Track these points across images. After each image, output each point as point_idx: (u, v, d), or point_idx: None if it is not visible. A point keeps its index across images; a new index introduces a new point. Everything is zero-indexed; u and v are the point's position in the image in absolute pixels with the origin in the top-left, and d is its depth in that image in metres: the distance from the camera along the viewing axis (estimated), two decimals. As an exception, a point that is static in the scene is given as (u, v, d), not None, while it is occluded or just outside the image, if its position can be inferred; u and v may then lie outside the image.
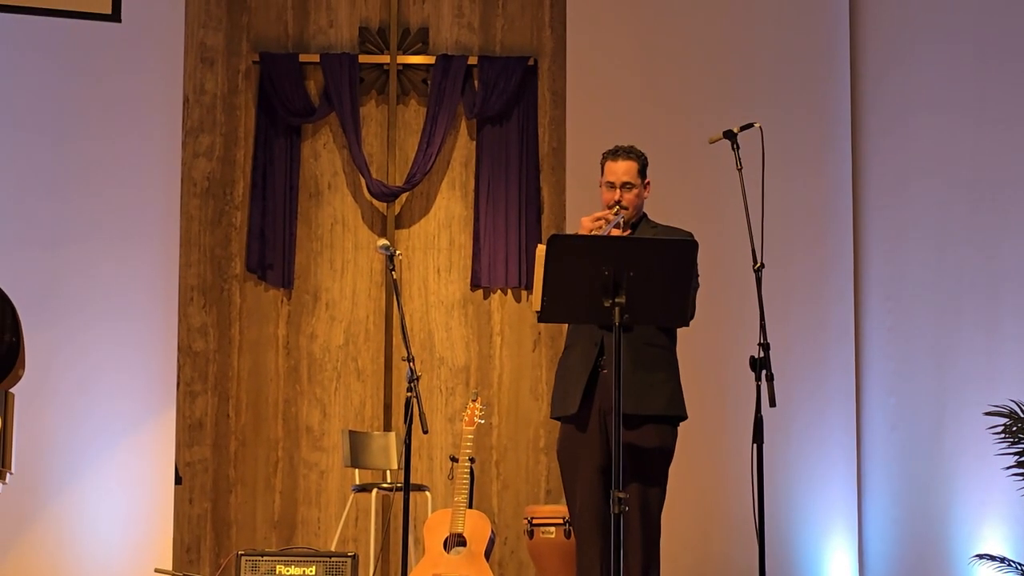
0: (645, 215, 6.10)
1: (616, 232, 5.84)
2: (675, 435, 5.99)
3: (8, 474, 6.64)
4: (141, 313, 9.29)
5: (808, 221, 9.29)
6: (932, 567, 9.09)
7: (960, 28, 9.44)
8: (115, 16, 8.57)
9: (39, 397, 7.88)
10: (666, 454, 5.95)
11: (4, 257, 8.49)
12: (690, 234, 5.93)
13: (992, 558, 6.99)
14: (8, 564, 8.24)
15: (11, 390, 6.74)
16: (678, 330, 6.05)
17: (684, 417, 6.00)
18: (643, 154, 6.09)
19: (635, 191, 6.02)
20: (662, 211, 6.23)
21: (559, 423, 6.09)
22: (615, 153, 6.07)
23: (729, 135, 5.94)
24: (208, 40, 10.17)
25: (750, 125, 5.94)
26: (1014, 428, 6.40)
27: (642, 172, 6.05)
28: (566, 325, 6.25)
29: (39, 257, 9.04)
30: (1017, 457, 6.37)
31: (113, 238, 9.26)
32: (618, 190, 6.00)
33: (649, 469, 5.87)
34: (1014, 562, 6.84)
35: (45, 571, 9.03)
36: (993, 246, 9.25)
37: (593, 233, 5.78)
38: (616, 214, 5.90)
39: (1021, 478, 6.44)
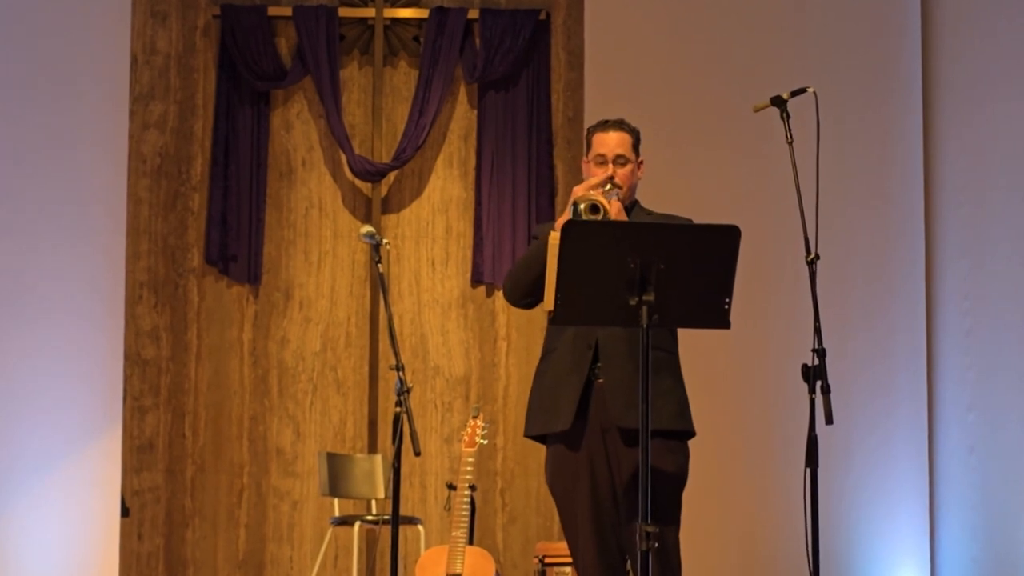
0: (637, 200, 6.09)
1: (616, 211, 5.78)
2: (688, 454, 5.95)
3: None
4: (81, 314, 9.28)
5: (871, 205, 9.32)
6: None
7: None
8: (56, -33, 8.59)
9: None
10: (681, 479, 5.93)
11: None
12: (690, 220, 5.91)
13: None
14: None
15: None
16: (682, 333, 6.02)
17: (693, 433, 5.96)
18: (636, 128, 6.09)
19: (629, 167, 6.02)
20: (694, 191, 6.24)
21: (543, 444, 6.04)
22: (604, 125, 6.08)
23: (778, 102, 5.90)
24: (159, -10, 10.17)
25: (803, 90, 5.91)
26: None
27: (635, 147, 6.06)
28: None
29: (-42, 249, 9.04)
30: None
31: (47, 226, 9.25)
32: (610, 165, 5.98)
33: (663, 498, 5.80)
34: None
35: (-33, 619, 9.03)
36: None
37: (592, 198, 5.72)
38: (608, 191, 5.85)
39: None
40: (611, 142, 6.00)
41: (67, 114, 9.42)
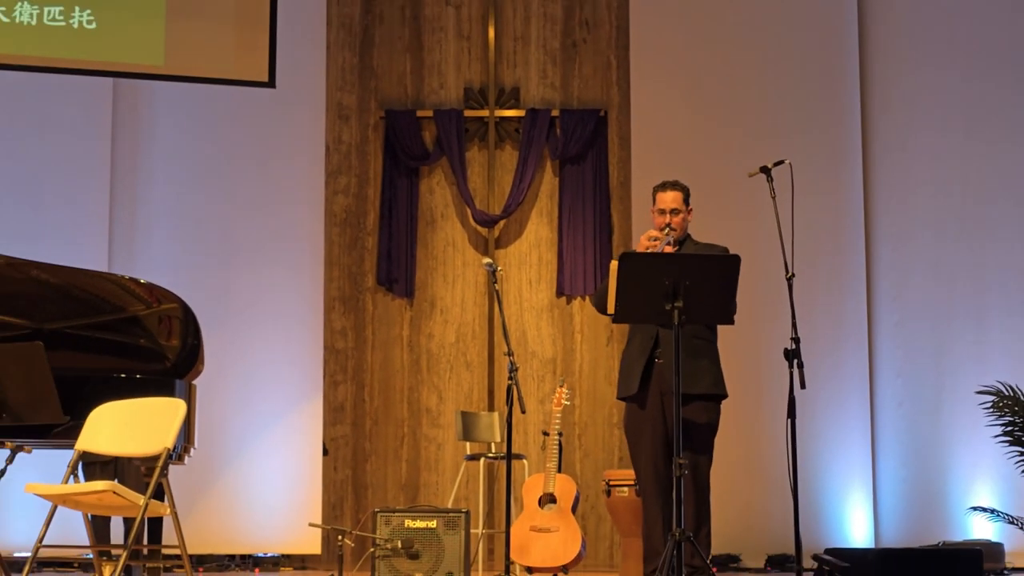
0: (689, 235, 6.10)
1: (668, 249, 5.84)
2: (719, 411, 5.97)
3: (192, 449, 6.72)
4: (294, 319, 9.42)
5: (827, 237, 9.29)
6: (935, 518, 9.05)
7: (948, 80, 9.46)
8: (271, 83, 8.66)
9: (213, 388, 7.97)
10: (712, 427, 5.94)
11: (186, 276, 8.64)
12: (726, 249, 5.91)
13: (984, 510, 6.95)
14: (191, 522, 8.33)
15: (193, 382, 6.82)
16: (720, 327, 6.01)
17: (725, 396, 5.98)
18: (687, 186, 6.08)
19: (681, 215, 6.02)
20: (710, 231, 6.23)
21: (624, 403, 6.09)
22: (664, 186, 6.07)
23: (764, 170, 5.91)
24: (344, 100, 10.24)
25: (781, 162, 5.93)
26: (1001, 404, 6.37)
27: (686, 200, 6.05)
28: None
29: (213, 276, 9.21)
30: (1003, 427, 6.33)
31: (271, 259, 9.40)
32: (667, 215, 6.00)
33: (699, 439, 5.86)
34: (1002, 513, 6.80)
35: (220, 528, 9.16)
36: (980, 251, 9.28)
37: (649, 250, 5.78)
38: (667, 234, 5.92)
39: (1007, 444, 6.41)
40: (668, 199, 6.02)
41: (284, 185, 9.55)
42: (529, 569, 7.18)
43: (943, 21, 9.49)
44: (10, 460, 4.85)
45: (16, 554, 8.17)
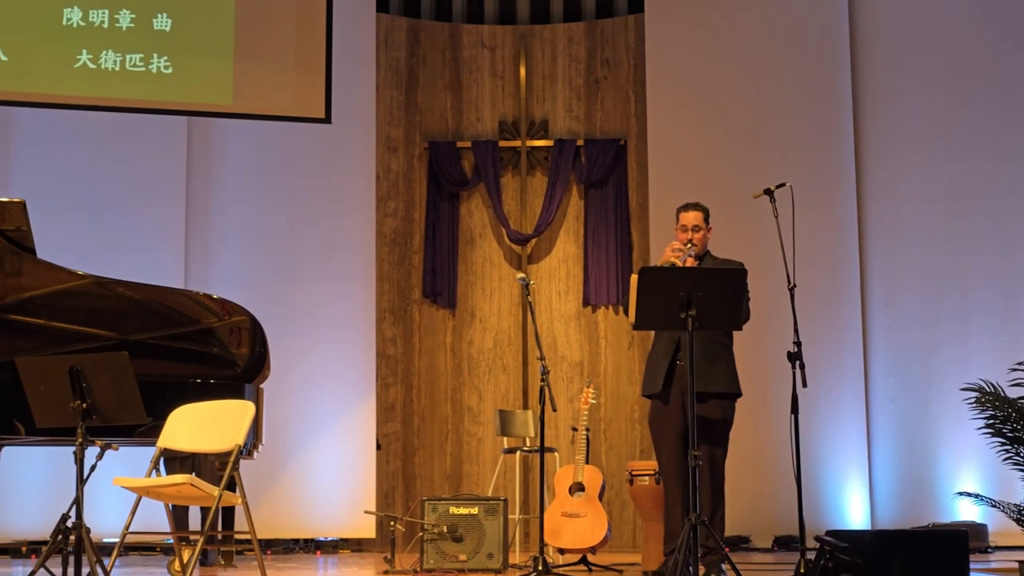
0: (708, 251, 6.08)
1: (690, 262, 5.83)
2: (733, 408, 5.94)
3: (260, 445, 6.74)
4: (349, 328, 9.45)
5: (825, 250, 9.29)
6: (925, 502, 9.01)
7: (932, 108, 9.43)
8: (327, 119, 8.69)
9: (278, 390, 8.00)
10: (727, 422, 5.91)
11: (253, 291, 8.67)
12: (741, 264, 5.86)
13: (969, 495, 6.88)
14: (260, 510, 8.35)
15: (260, 386, 6.84)
16: (734, 332, 6.01)
17: (740, 394, 5.95)
18: (707, 208, 6.06)
19: (701, 233, 5.99)
20: (719, 246, 6.21)
21: (648, 400, 6.08)
22: (686, 206, 6.04)
23: (768, 192, 5.86)
24: (392, 133, 10.27)
25: (782, 184, 5.87)
26: (983, 399, 6.31)
27: (706, 219, 6.02)
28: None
29: (277, 290, 9.24)
30: (986, 420, 6.28)
31: (329, 275, 9.44)
32: (689, 232, 5.98)
33: (716, 434, 5.84)
34: (985, 497, 6.74)
35: (286, 512, 9.19)
36: (964, 262, 9.24)
37: (671, 262, 5.77)
38: (688, 249, 5.90)
39: (989, 435, 6.35)
40: (690, 218, 5.99)
41: (340, 209, 9.58)
42: (561, 550, 7.17)
43: (927, 55, 9.48)
44: (100, 456, 4.88)
45: (105, 539, 8.21)
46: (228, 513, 6.72)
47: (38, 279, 6.49)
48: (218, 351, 6.83)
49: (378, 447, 9.57)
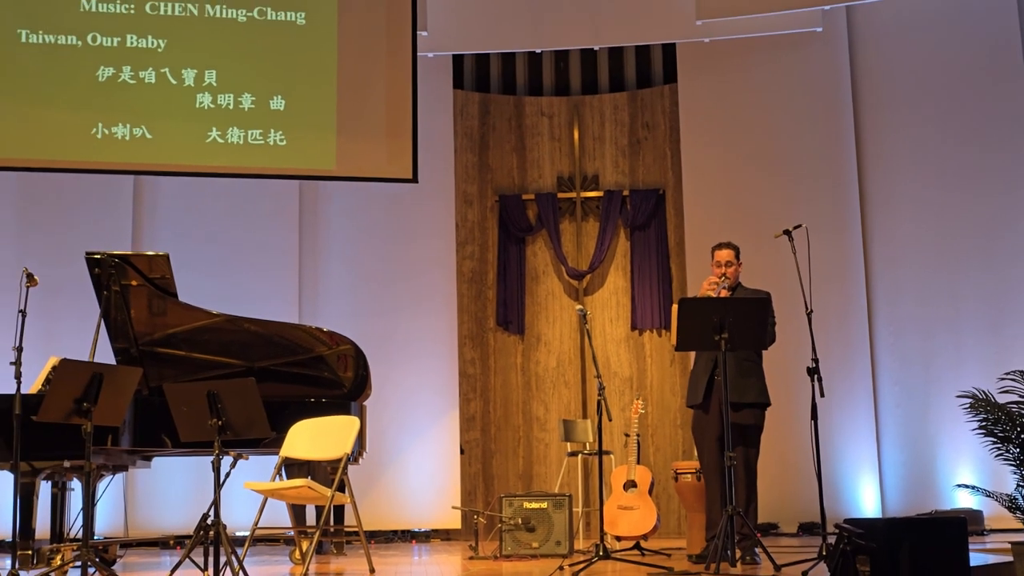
0: (740, 283, 6.07)
1: (724, 293, 5.82)
2: (764, 416, 5.90)
3: (364, 453, 6.79)
4: (435, 353, 9.48)
5: (836, 279, 9.20)
6: (928, 493, 8.88)
7: (927, 144, 9.34)
8: (414, 179, 8.76)
9: (378, 406, 8.06)
10: (759, 428, 5.87)
11: (355, 324, 8.73)
12: (768, 293, 5.85)
13: (966, 486, 6.77)
14: (366, 504, 8.40)
15: (364, 403, 6.90)
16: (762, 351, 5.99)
17: (769, 404, 5.91)
18: (738, 246, 6.04)
19: (733, 268, 5.97)
20: (753, 277, 6.19)
21: (691, 409, 6.04)
22: (720, 245, 6.03)
23: (787, 232, 5.85)
24: (468, 189, 10.31)
25: (799, 226, 5.85)
26: (976, 405, 6.21)
27: (737, 256, 6.00)
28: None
29: (376, 323, 9.29)
30: (979, 423, 6.18)
31: (417, 309, 9.48)
32: (723, 267, 5.97)
33: (749, 438, 5.81)
34: (980, 488, 6.63)
35: (387, 509, 9.21)
36: (957, 282, 9.13)
37: (708, 294, 5.77)
38: (723, 281, 5.89)
39: (983, 435, 6.25)
40: (723, 256, 5.97)
41: (425, 254, 9.61)
42: (618, 538, 7.14)
43: (922, 96, 9.40)
44: (233, 465, 4.95)
45: (237, 533, 8.29)
46: (339, 510, 6.79)
47: (180, 318, 6.61)
48: (328, 375, 6.90)
49: (461, 452, 9.58)
